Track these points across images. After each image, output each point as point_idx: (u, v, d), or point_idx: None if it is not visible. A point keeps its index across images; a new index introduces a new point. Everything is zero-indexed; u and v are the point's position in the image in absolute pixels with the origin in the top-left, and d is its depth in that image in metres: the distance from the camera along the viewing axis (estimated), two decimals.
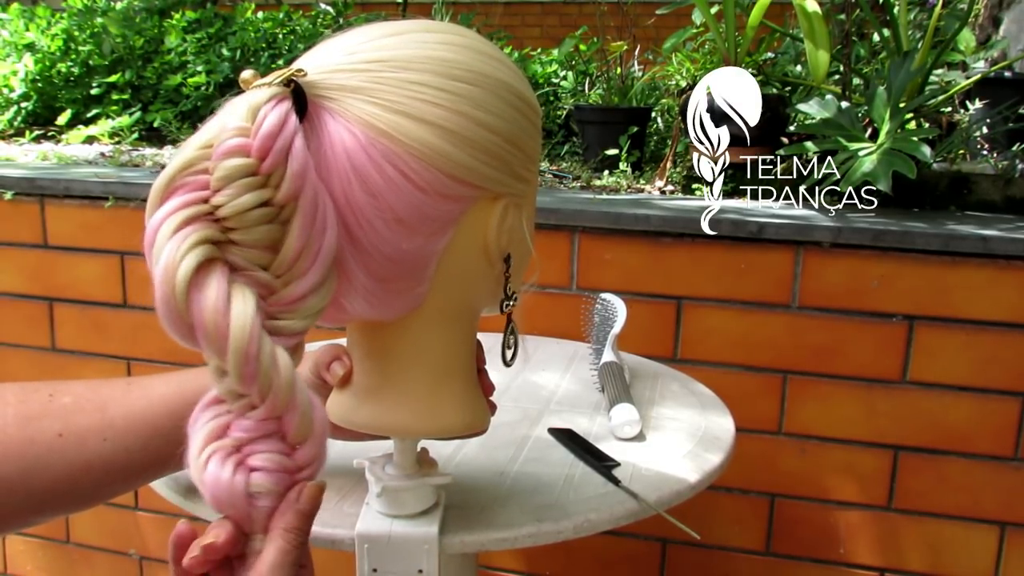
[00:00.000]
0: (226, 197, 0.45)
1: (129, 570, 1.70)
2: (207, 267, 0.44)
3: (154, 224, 0.45)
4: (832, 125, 1.32)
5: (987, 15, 1.83)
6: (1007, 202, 1.40)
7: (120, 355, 1.60)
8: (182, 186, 0.45)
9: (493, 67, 0.55)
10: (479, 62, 0.54)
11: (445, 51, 0.53)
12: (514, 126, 0.55)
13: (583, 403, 0.96)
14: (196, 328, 0.44)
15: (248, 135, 0.45)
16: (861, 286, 1.26)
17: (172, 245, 0.44)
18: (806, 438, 1.34)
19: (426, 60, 0.52)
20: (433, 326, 0.58)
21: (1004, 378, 1.25)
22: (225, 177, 0.45)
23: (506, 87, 0.55)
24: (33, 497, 0.55)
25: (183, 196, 0.45)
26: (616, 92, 1.77)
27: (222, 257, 0.45)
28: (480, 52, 0.55)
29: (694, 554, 1.41)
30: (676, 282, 1.33)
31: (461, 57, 0.54)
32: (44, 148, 1.90)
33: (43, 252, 1.59)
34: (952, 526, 1.31)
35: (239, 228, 0.45)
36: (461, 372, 0.61)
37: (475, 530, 0.67)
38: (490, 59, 0.56)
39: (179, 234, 0.44)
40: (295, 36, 2.15)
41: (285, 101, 0.47)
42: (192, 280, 0.43)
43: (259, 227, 0.46)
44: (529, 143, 0.58)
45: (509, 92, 0.55)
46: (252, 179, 0.45)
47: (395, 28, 0.54)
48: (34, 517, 0.57)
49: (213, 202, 0.45)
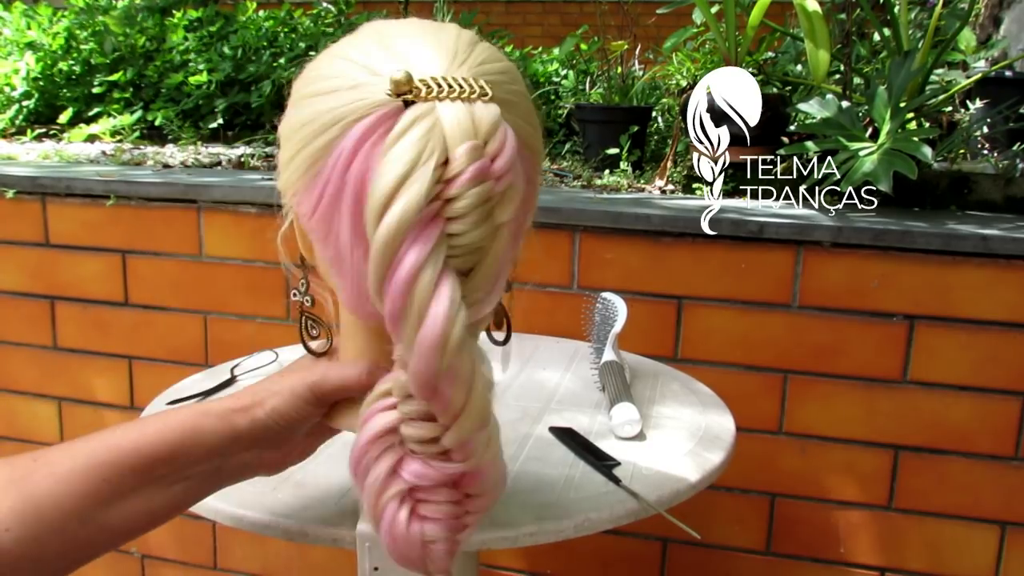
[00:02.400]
0: (466, 227, 0.42)
1: (130, 569, 1.70)
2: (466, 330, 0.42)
3: (411, 272, 0.41)
4: (833, 125, 1.32)
5: (987, 14, 1.83)
6: (1007, 201, 1.40)
7: (121, 354, 1.61)
8: (420, 220, 0.41)
9: None
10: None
11: (508, 60, 0.54)
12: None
13: (584, 402, 0.97)
14: (439, 394, 0.42)
15: (481, 155, 0.42)
16: (861, 286, 1.26)
17: (444, 307, 0.41)
18: (806, 438, 1.34)
19: (516, 71, 0.53)
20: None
21: (1004, 377, 1.25)
22: (470, 205, 0.42)
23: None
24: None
25: (427, 234, 0.41)
26: (617, 91, 1.77)
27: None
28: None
29: (694, 553, 1.42)
30: (677, 281, 1.33)
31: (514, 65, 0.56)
32: (46, 147, 1.91)
33: (44, 251, 1.60)
34: (952, 526, 1.32)
35: (454, 256, 0.43)
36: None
37: (476, 529, 0.67)
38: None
39: (444, 290, 0.41)
40: (296, 35, 2.15)
41: (503, 119, 0.45)
42: (459, 348, 0.41)
43: (468, 255, 0.43)
44: None
45: None
46: (487, 206, 0.43)
47: (458, 30, 0.53)
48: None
49: (451, 231, 0.42)
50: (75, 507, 0.50)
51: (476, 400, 0.42)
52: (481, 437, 0.43)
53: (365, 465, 0.46)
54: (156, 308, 1.56)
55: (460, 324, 0.41)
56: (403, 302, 0.41)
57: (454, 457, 0.44)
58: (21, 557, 0.48)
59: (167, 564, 1.67)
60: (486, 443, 0.44)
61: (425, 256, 0.41)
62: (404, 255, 0.41)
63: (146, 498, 0.53)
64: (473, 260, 0.44)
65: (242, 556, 1.61)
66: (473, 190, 0.42)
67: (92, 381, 1.64)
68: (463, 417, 0.42)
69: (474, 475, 0.45)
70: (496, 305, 0.63)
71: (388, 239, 0.41)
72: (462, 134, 0.42)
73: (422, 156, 0.41)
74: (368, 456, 0.46)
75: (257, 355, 1.06)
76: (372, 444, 0.46)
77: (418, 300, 0.41)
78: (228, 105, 2.02)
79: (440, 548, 0.46)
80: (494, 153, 0.43)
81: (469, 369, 0.42)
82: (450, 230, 0.42)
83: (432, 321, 0.40)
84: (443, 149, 0.42)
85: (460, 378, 0.41)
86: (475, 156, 0.42)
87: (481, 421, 0.43)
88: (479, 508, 0.47)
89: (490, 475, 0.45)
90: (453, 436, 0.43)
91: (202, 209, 1.49)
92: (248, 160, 1.75)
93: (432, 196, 0.41)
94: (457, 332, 0.41)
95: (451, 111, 0.43)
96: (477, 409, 0.42)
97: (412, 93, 0.44)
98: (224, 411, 0.56)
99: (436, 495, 0.45)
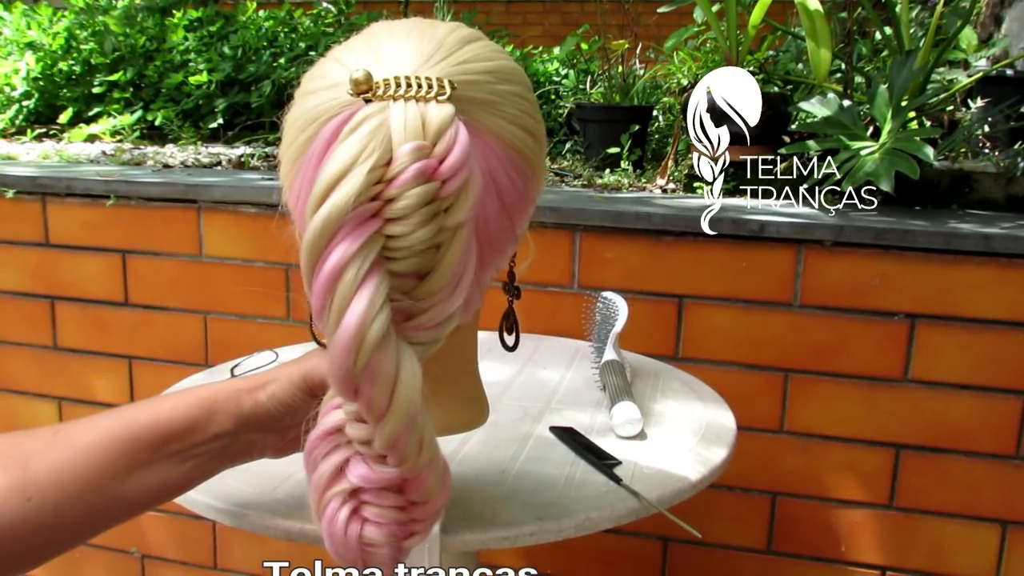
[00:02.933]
0: (407, 228, 0.41)
1: (131, 568, 1.70)
2: (388, 329, 0.41)
3: (335, 268, 0.40)
4: (834, 123, 1.32)
5: (989, 13, 1.83)
6: (1009, 200, 1.40)
7: (121, 353, 1.61)
8: (352, 218, 0.41)
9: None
10: (522, 69, 0.56)
11: (509, 60, 0.54)
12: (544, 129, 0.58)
13: (584, 401, 0.96)
14: (361, 394, 0.41)
15: (428, 155, 0.42)
16: (863, 285, 1.26)
17: (363, 304, 0.40)
18: (807, 436, 1.34)
19: (512, 71, 0.53)
20: (472, 325, 0.59)
21: (1005, 376, 1.25)
22: (410, 206, 0.41)
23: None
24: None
25: (359, 232, 0.41)
26: (618, 90, 1.77)
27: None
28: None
29: (695, 552, 1.41)
30: (677, 280, 1.33)
31: (519, 66, 0.55)
32: (46, 147, 1.91)
33: (45, 250, 1.60)
34: (953, 524, 1.31)
35: (400, 259, 0.42)
36: (477, 364, 0.63)
37: (476, 528, 0.67)
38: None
39: (367, 287, 0.40)
40: (296, 35, 2.15)
41: (458, 119, 0.44)
42: (378, 347, 0.40)
43: (418, 257, 0.43)
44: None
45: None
46: (432, 206, 0.42)
47: (451, 30, 0.53)
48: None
49: (388, 232, 0.41)
50: (93, 478, 0.52)
51: (400, 402, 0.41)
52: (411, 441, 0.42)
53: (314, 460, 0.46)
54: (156, 308, 1.56)
55: (379, 324, 0.40)
56: (325, 298, 0.41)
57: (388, 461, 0.44)
58: (42, 525, 0.51)
59: (167, 564, 1.67)
60: (418, 447, 0.43)
61: (351, 254, 0.40)
62: (331, 251, 0.40)
63: (159, 472, 0.55)
64: (425, 262, 0.43)
65: (242, 556, 1.61)
66: (413, 190, 0.41)
67: (92, 381, 1.64)
68: (387, 419, 0.41)
69: (413, 481, 0.44)
70: (507, 310, 0.64)
71: (316, 235, 0.41)
72: (408, 134, 0.42)
73: (361, 155, 0.41)
74: (317, 452, 0.46)
75: (257, 355, 1.06)
76: (322, 440, 0.46)
77: (339, 297, 0.40)
78: (228, 105, 2.02)
79: (383, 552, 0.45)
80: (442, 154, 0.42)
81: (391, 370, 0.41)
82: (391, 231, 0.41)
83: (348, 319, 0.40)
84: (386, 148, 0.41)
85: (380, 379, 0.41)
86: (418, 156, 0.41)
87: (406, 424, 0.42)
88: (426, 515, 0.46)
89: (428, 480, 0.45)
90: (379, 438, 0.42)
91: (202, 209, 1.49)
92: (248, 160, 1.74)
93: (370, 195, 0.41)
94: (375, 332, 0.40)
95: (400, 111, 0.43)
96: (400, 411, 0.41)
97: (371, 92, 0.44)
98: (233, 391, 0.58)
99: (381, 499, 0.45)
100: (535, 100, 0.55)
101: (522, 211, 0.54)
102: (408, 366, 0.42)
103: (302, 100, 0.52)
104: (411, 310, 0.44)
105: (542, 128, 0.55)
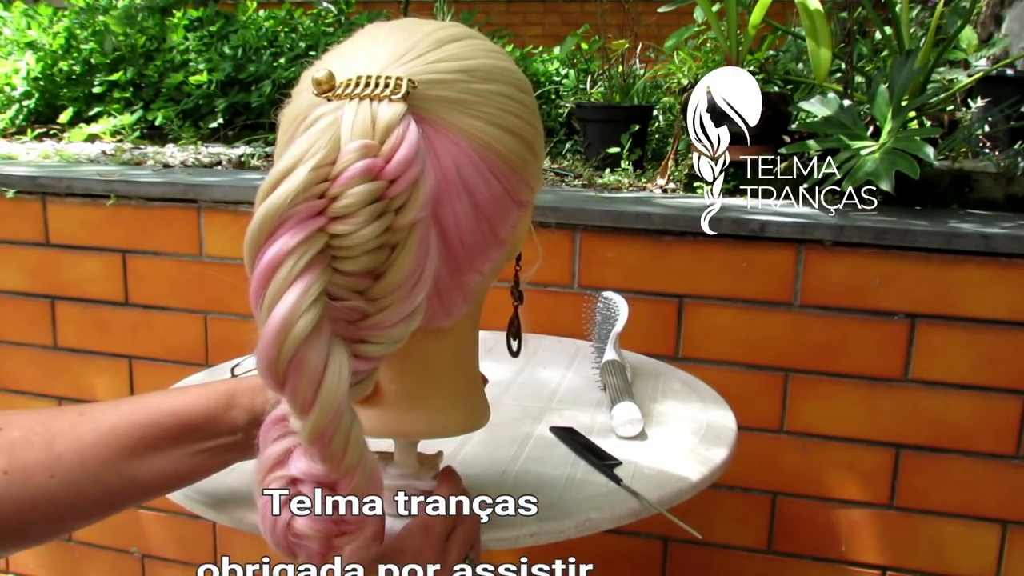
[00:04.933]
0: (351, 226, 0.41)
1: (131, 568, 1.70)
2: (319, 325, 0.41)
3: (271, 261, 0.41)
4: (834, 123, 1.32)
5: (989, 13, 1.83)
6: (1009, 200, 1.40)
7: (121, 353, 1.60)
8: (294, 214, 0.41)
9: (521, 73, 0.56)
10: (518, 70, 0.56)
11: (498, 59, 0.53)
12: (540, 132, 0.57)
13: (585, 401, 0.96)
14: (287, 386, 0.42)
15: (375, 154, 0.42)
16: (863, 284, 1.26)
17: (293, 297, 0.41)
18: (808, 436, 1.34)
19: (495, 70, 0.52)
20: (466, 327, 0.59)
21: (1006, 376, 1.25)
22: (353, 204, 0.41)
23: (531, 93, 0.56)
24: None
25: (301, 228, 0.41)
26: (618, 90, 1.77)
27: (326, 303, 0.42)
28: (510, 58, 0.56)
29: (696, 553, 1.41)
30: (678, 280, 1.33)
31: (511, 66, 0.54)
32: (46, 146, 1.91)
33: (45, 250, 1.60)
34: (954, 524, 1.31)
35: (349, 257, 0.42)
36: (477, 368, 0.63)
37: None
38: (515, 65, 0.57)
39: (301, 282, 0.41)
40: (296, 34, 2.15)
41: (409, 118, 0.44)
42: (305, 341, 0.41)
43: (369, 256, 0.43)
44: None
45: (534, 99, 0.57)
46: (377, 205, 0.42)
47: (435, 29, 0.53)
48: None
49: (332, 231, 0.42)
50: (113, 459, 0.55)
51: (325, 397, 0.41)
52: (337, 437, 0.43)
53: (263, 442, 0.48)
54: (156, 308, 1.56)
55: (308, 318, 0.41)
56: (260, 290, 0.42)
57: (315, 457, 0.44)
58: (63, 501, 0.53)
59: (167, 564, 1.67)
60: (343, 445, 0.43)
61: (289, 248, 0.41)
62: (270, 245, 0.41)
63: (174, 460, 0.58)
64: (378, 261, 0.43)
65: (242, 556, 1.61)
66: (355, 189, 0.41)
67: (92, 381, 1.64)
68: (312, 413, 0.42)
69: (342, 481, 0.45)
70: (512, 314, 0.64)
71: (256, 228, 0.42)
72: (356, 132, 0.42)
73: (307, 153, 0.42)
74: (267, 435, 0.47)
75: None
76: (275, 425, 0.47)
77: (272, 289, 0.41)
78: (228, 105, 2.02)
79: (311, 546, 0.46)
80: (389, 152, 0.42)
81: (319, 364, 0.41)
82: (335, 229, 0.42)
83: (277, 311, 0.41)
84: (334, 147, 0.42)
85: (306, 372, 0.41)
86: (364, 155, 0.41)
87: (331, 419, 0.42)
88: (356, 518, 0.46)
89: (357, 481, 0.45)
90: (304, 431, 0.43)
91: (202, 209, 1.49)
92: (248, 160, 1.74)
93: (314, 193, 0.41)
94: (302, 325, 0.40)
95: (352, 110, 0.43)
96: (325, 406, 0.41)
97: (332, 92, 0.45)
98: (250, 388, 0.60)
99: (315, 494, 0.45)
100: (528, 101, 0.54)
101: (504, 214, 0.52)
102: (337, 363, 0.42)
103: (290, 101, 0.52)
104: (366, 309, 0.44)
105: (533, 129, 0.53)
